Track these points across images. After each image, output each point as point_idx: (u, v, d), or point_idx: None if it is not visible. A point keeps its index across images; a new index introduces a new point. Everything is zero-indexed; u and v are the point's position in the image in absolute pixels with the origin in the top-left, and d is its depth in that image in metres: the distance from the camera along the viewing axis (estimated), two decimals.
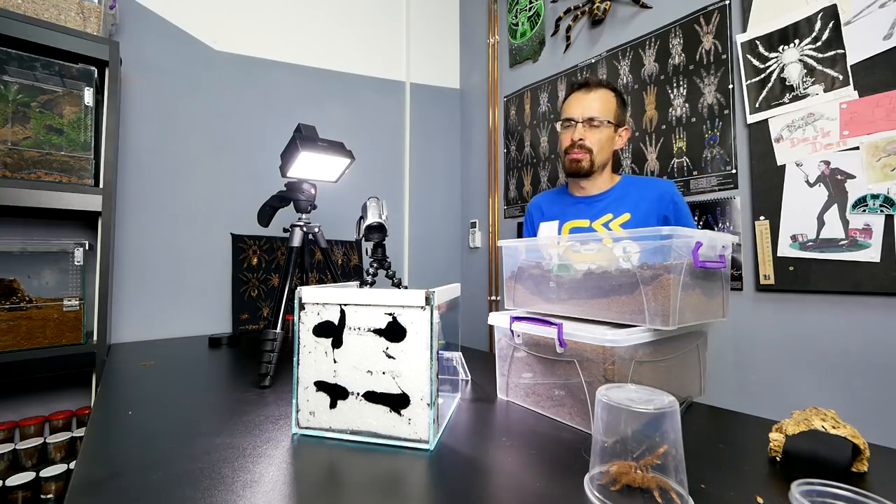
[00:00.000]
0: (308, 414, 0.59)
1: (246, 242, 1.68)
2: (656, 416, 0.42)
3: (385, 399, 0.57)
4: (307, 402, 0.59)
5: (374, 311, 0.57)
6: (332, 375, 0.59)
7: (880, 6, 0.98)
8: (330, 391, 0.59)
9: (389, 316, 0.57)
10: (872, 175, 0.98)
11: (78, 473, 0.49)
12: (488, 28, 2.11)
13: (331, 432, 0.58)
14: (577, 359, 0.63)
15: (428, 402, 0.55)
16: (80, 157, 1.21)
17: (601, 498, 0.42)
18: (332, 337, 0.59)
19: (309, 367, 0.60)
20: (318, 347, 0.59)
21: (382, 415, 0.57)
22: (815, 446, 0.55)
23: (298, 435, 0.59)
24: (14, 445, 1.19)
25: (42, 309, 1.17)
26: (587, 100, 1.09)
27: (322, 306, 0.59)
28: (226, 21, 1.71)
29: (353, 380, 0.58)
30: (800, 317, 1.11)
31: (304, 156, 1.10)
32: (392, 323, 0.57)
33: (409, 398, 0.55)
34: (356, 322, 0.58)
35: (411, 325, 0.56)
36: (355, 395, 0.58)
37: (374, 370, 0.57)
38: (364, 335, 0.58)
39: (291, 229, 1.20)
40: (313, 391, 0.59)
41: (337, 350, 0.59)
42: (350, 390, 0.58)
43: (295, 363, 0.60)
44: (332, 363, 0.59)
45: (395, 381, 0.56)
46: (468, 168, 2.27)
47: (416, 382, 0.55)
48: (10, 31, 1.12)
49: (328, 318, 0.59)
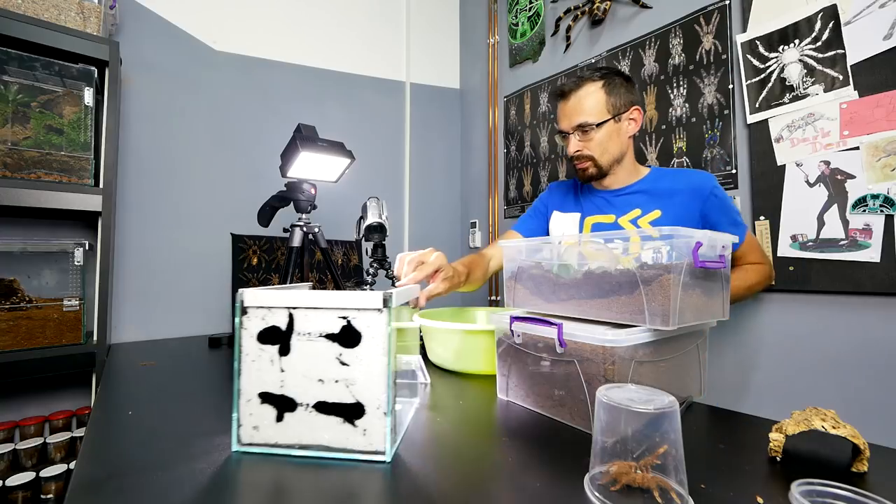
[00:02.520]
0: (251, 429, 0.54)
1: (246, 242, 1.68)
2: (656, 416, 0.42)
3: (338, 409, 0.52)
4: (250, 416, 0.54)
5: (326, 314, 0.53)
6: (279, 386, 0.53)
7: (880, 6, 0.98)
8: (276, 403, 0.53)
9: (343, 320, 0.52)
10: (872, 175, 0.98)
11: (78, 473, 0.49)
12: (488, 28, 2.11)
13: (277, 448, 0.53)
14: (576, 359, 0.63)
15: (385, 411, 0.51)
16: (80, 157, 1.21)
17: (601, 498, 0.42)
18: (279, 344, 0.54)
19: (252, 378, 0.54)
20: (262, 355, 0.54)
21: (335, 426, 0.52)
22: (815, 446, 0.55)
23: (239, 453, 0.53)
24: (14, 445, 1.19)
25: (42, 309, 1.17)
26: (569, 108, 1.02)
27: (268, 310, 0.54)
28: (226, 21, 1.71)
29: (303, 390, 0.53)
30: (800, 317, 1.11)
31: (304, 156, 1.10)
32: (346, 327, 0.52)
33: (364, 407, 0.52)
34: (306, 327, 0.53)
35: (367, 329, 0.52)
36: (305, 407, 0.53)
37: (326, 378, 0.53)
38: (315, 341, 0.53)
39: (291, 229, 1.20)
40: (257, 404, 0.54)
41: (284, 358, 0.53)
42: (299, 401, 0.53)
43: (235, 373, 0.54)
44: (279, 372, 0.54)
45: (348, 390, 0.52)
46: (468, 168, 2.27)
47: (372, 390, 0.52)
48: (10, 31, 1.12)
49: (274, 322, 0.54)
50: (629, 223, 1.02)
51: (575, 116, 1.00)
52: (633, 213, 1.02)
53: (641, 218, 1.01)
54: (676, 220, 0.97)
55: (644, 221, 1.00)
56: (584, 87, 1.00)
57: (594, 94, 0.99)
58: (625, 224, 1.02)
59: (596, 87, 1.00)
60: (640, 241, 0.67)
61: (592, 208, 1.10)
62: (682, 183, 1.00)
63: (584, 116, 0.99)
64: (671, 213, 0.99)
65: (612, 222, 1.04)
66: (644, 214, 1.01)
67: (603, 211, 1.07)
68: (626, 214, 1.03)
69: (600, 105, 0.99)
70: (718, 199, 0.97)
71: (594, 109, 0.99)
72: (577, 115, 1.00)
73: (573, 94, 1.01)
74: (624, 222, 1.03)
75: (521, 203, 1.93)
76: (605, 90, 1.00)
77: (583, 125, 0.99)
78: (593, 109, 0.99)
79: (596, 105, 0.99)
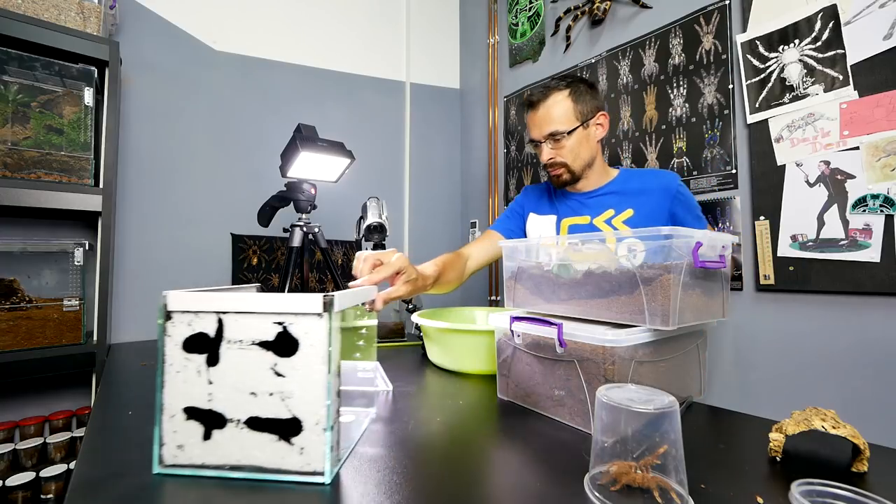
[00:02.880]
0: (175, 448, 0.48)
1: (246, 242, 1.68)
2: (656, 416, 0.42)
3: (272, 426, 0.47)
4: (174, 433, 0.48)
5: (260, 319, 0.48)
6: (207, 400, 0.48)
7: (880, 6, 0.98)
8: (204, 419, 0.48)
9: (279, 325, 0.47)
10: (872, 175, 0.98)
11: (78, 473, 0.49)
12: (488, 28, 2.11)
13: (205, 469, 0.48)
14: (576, 359, 0.63)
15: (324, 427, 0.46)
16: (80, 157, 1.21)
17: (601, 498, 0.42)
18: (207, 352, 0.48)
19: (177, 391, 0.49)
20: (188, 366, 0.49)
21: (269, 444, 0.47)
22: (815, 446, 0.55)
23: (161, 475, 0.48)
24: (14, 445, 1.19)
25: (42, 309, 1.17)
26: (538, 118, 1.03)
27: (194, 315, 0.49)
28: (226, 21, 1.71)
29: (234, 404, 0.48)
30: (800, 317, 1.11)
31: (304, 156, 1.10)
32: (282, 334, 0.47)
33: (302, 423, 0.47)
34: (237, 334, 0.48)
35: (305, 335, 0.47)
36: (235, 423, 0.48)
37: (260, 391, 0.47)
38: (247, 349, 0.48)
39: (291, 229, 1.20)
40: (182, 420, 0.48)
41: (213, 368, 0.48)
42: (229, 417, 0.48)
43: (157, 386, 0.49)
44: (207, 384, 0.48)
45: (284, 404, 0.47)
46: (468, 168, 2.27)
47: (311, 404, 0.47)
48: (10, 31, 1.12)
49: (202, 329, 0.49)
50: (604, 223, 1.05)
51: (545, 126, 1.02)
52: (607, 214, 1.04)
53: (615, 218, 1.03)
54: (648, 217, 1.00)
55: (618, 221, 1.03)
56: (551, 96, 1.02)
57: (561, 102, 1.01)
58: (600, 224, 1.05)
59: (563, 95, 1.01)
60: (616, 241, 0.68)
61: (567, 210, 1.12)
62: (651, 182, 1.04)
63: (555, 125, 1.01)
64: (643, 211, 1.01)
65: (587, 223, 1.07)
66: (618, 214, 1.03)
67: (578, 213, 1.09)
68: (600, 215, 1.06)
69: (569, 113, 1.01)
70: (684, 197, 1.01)
71: (563, 118, 1.01)
72: (547, 124, 1.01)
73: (541, 104, 1.02)
74: (599, 223, 1.05)
75: None
76: (571, 98, 1.01)
77: (554, 134, 1.01)
78: (562, 118, 1.01)
79: (564, 113, 1.01)
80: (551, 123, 1.01)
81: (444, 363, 0.97)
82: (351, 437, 0.58)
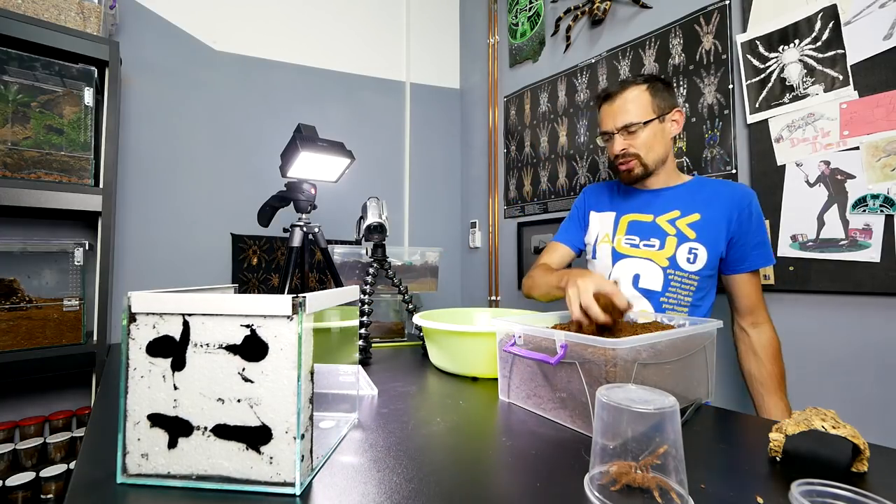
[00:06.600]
0: (139, 457, 0.47)
1: (246, 242, 1.68)
2: (656, 417, 0.42)
3: (240, 434, 0.46)
4: (138, 441, 0.47)
5: (227, 322, 0.46)
6: (172, 406, 0.47)
7: (880, 6, 0.98)
8: (169, 426, 0.47)
9: (247, 328, 0.46)
10: (872, 175, 0.98)
11: (78, 473, 0.49)
12: (488, 28, 2.11)
13: (170, 479, 0.46)
14: (578, 361, 0.63)
15: (294, 435, 0.45)
16: (80, 157, 1.21)
17: (601, 498, 0.42)
18: (173, 356, 0.47)
19: (141, 397, 0.47)
20: (153, 370, 0.47)
21: (237, 453, 0.45)
22: (815, 446, 0.55)
23: (125, 486, 0.46)
24: (14, 445, 1.19)
25: (42, 309, 1.17)
26: (614, 109, 1.03)
27: (159, 317, 0.47)
28: (226, 21, 1.71)
29: (200, 411, 0.46)
30: (800, 317, 1.11)
31: (304, 156, 1.10)
32: (250, 337, 0.46)
33: (271, 431, 0.45)
34: (204, 337, 0.46)
35: (274, 339, 0.45)
36: (202, 431, 0.46)
37: (227, 398, 0.46)
38: (214, 353, 0.46)
39: (291, 229, 1.20)
40: (146, 427, 0.47)
41: (178, 373, 0.47)
42: (195, 424, 0.46)
43: (121, 391, 0.47)
44: (172, 390, 0.47)
45: (252, 411, 0.45)
46: (468, 168, 2.27)
47: (280, 411, 0.45)
48: (10, 31, 1.12)
49: (167, 332, 0.47)
50: (667, 223, 1.02)
51: (620, 117, 1.02)
52: (673, 214, 1.02)
53: (680, 219, 1.01)
54: (712, 224, 0.98)
55: (683, 223, 1.01)
56: (628, 89, 1.03)
57: (639, 95, 1.02)
58: (662, 224, 1.02)
59: (640, 89, 1.02)
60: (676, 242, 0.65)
61: (629, 207, 1.10)
62: (722, 191, 1.01)
63: (630, 117, 1.01)
64: (708, 217, 0.99)
65: (650, 221, 1.05)
66: (684, 216, 1.01)
67: (641, 210, 1.07)
68: (664, 214, 1.04)
69: (645, 105, 1.01)
70: (753, 216, 0.98)
71: (640, 110, 1.01)
72: (623, 115, 1.02)
73: (618, 96, 1.03)
74: (662, 222, 1.03)
75: (521, 203, 1.93)
76: (649, 92, 1.02)
77: (628, 125, 1.01)
78: (639, 110, 1.01)
79: (641, 106, 1.01)
80: (627, 114, 1.01)
81: (445, 365, 0.96)
82: (328, 445, 0.56)
